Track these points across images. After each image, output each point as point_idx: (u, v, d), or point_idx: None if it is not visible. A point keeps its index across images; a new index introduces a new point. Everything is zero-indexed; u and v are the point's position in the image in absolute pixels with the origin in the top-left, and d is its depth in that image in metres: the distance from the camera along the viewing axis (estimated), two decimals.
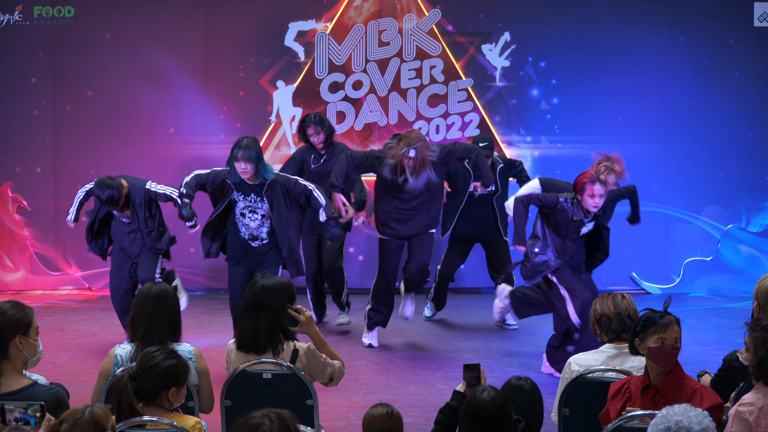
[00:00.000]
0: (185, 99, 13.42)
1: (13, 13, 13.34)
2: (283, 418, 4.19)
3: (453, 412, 5.65)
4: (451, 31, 13.44)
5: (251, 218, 9.58)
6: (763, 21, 13.42)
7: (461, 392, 5.74)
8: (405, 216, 10.39)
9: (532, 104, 13.53)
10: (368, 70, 13.38)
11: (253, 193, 9.51)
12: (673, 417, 4.42)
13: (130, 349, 6.30)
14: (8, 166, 13.46)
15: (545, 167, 13.36)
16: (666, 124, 13.43)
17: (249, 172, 9.41)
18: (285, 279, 6.50)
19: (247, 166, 9.36)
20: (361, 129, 13.43)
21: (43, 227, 13.54)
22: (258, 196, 9.52)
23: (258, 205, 9.56)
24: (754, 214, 13.55)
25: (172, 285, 7.55)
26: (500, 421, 5.01)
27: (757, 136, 13.51)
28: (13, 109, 13.41)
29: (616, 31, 13.46)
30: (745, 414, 5.28)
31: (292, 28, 13.43)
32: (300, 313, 6.38)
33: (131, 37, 13.40)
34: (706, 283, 13.37)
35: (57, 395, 5.35)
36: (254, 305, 6.29)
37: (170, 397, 5.36)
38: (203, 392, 6.29)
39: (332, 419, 8.26)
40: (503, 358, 10.38)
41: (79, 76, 13.40)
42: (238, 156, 9.36)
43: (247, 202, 9.55)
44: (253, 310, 6.28)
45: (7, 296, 13.06)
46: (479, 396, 5.07)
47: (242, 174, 9.42)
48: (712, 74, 13.48)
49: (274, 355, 6.26)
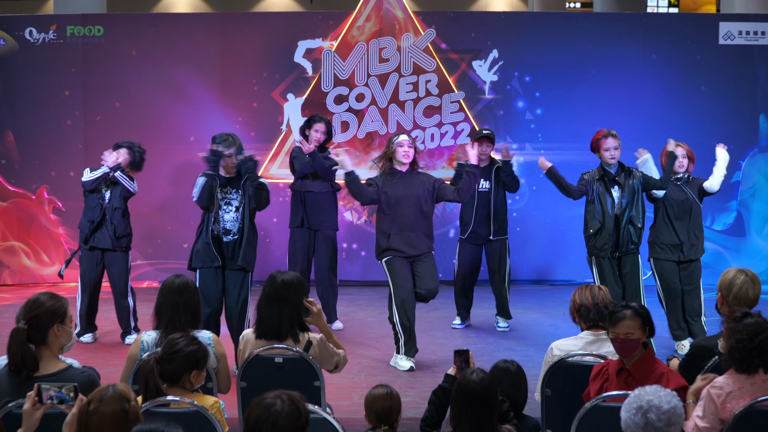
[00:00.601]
0: (204, 110, 13.44)
1: (48, 32, 13.36)
2: (293, 399, 4.22)
3: (445, 393, 5.69)
4: (445, 49, 13.46)
5: (226, 210, 9.07)
6: (727, 39, 13.44)
7: (452, 375, 5.77)
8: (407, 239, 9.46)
9: (517, 115, 13.55)
10: (370, 84, 13.40)
11: (229, 185, 9.10)
12: (644, 396, 4.46)
13: (155, 335, 6.33)
14: (45, 171, 13.48)
15: (530, 171, 13.39)
16: (639, 132, 13.42)
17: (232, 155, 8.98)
18: (299, 274, 6.54)
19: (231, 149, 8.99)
20: (364, 137, 13.45)
21: (76, 226, 13.51)
22: (234, 187, 9.09)
23: (233, 197, 9.10)
24: (718, 214, 13.56)
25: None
26: (488, 399, 5.04)
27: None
28: (49, 120, 13.43)
29: (593, 48, 13.48)
30: (714, 396, 5.31)
31: (301, 46, 13.45)
32: (311, 305, 6.46)
33: (155, 54, 13.43)
34: None
35: (90, 377, 5.38)
36: (275, 298, 6.33)
37: (192, 379, 5.39)
38: (221, 375, 6.32)
39: (337, 398, 8.27)
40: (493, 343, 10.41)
41: (108, 89, 13.43)
42: (218, 141, 9.07)
43: (222, 194, 9.09)
44: (275, 302, 6.32)
45: (43, 288, 13.08)
46: (469, 377, 5.09)
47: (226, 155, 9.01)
48: (681, 88, 13.49)
49: (294, 342, 6.31)
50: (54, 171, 13.48)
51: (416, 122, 13.39)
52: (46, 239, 13.56)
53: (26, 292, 12.65)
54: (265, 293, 6.40)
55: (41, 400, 4.74)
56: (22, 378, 5.30)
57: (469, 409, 5.04)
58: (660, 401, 4.42)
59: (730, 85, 13.50)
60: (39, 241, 13.56)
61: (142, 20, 13.94)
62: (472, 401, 5.03)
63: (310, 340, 6.36)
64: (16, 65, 13.34)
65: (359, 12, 13.44)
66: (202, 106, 13.44)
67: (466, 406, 5.05)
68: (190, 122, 13.43)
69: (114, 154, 10.39)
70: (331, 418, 5.22)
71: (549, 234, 13.59)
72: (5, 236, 13.54)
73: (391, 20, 13.43)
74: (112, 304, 10.58)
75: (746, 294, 6.22)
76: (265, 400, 4.22)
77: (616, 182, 9.74)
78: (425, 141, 13.36)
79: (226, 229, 9.02)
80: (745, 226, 13.63)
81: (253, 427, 4.20)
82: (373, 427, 5.60)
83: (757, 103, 13.48)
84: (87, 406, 4.38)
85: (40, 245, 13.56)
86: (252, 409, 4.22)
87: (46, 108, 13.42)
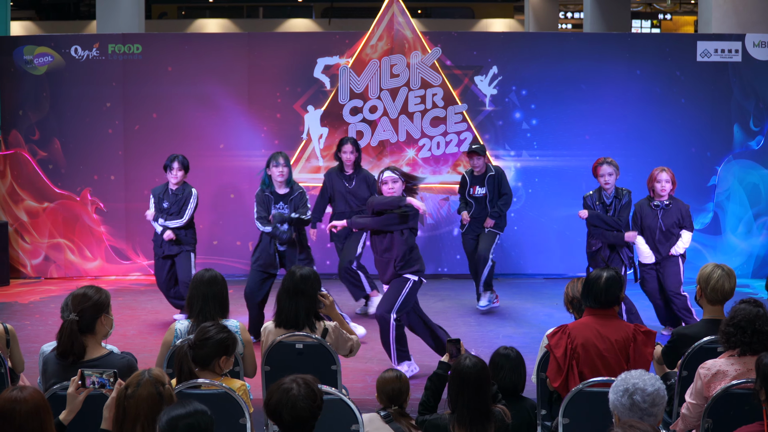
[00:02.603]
0: (232, 120, 13.44)
1: (91, 49, 13.37)
2: (308, 382, 4.23)
3: (439, 378, 5.75)
4: (450, 65, 13.44)
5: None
6: (704, 56, 13.39)
7: (445, 362, 5.82)
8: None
9: (515, 125, 13.52)
10: (382, 97, 13.38)
11: (281, 201, 9.47)
12: (630, 380, 4.43)
13: (188, 324, 6.33)
14: (88, 175, 13.49)
15: (526, 176, 13.38)
16: (625, 141, 13.40)
17: (285, 175, 9.46)
18: (313, 269, 6.54)
19: (284, 169, 9.47)
20: (376, 145, 13.43)
21: (116, 224, 13.57)
22: (285, 203, 9.52)
23: (285, 211, 9.57)
24: (697, 215, 13.51)
25: None
26: (481, 381, 5.09)
27: (699, 150, 13.48)
28: (92, 129, 13.44)
29: (583, 65, 13.44)
30: (701, 375, 5.29)
31: (320, 63, 13.43)
32: (325, 297, 6.47)
33: (189, 69, 13.42)
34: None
35: (129, 362, 5.39)
36: (294, 291, 6.35)
37: (221, 363, 5.39)
38: (247, 360, 6.32)
39: (352, 381, 8.27)
40: (492, 330, 10.39)
41: (145, 101, 13.43)
42: (279, 161, 9.53)
43: (277, 209, 9.51)
44: (294, 295, 6.35)
45: (87, 281, 13.10)
46: (464, 363, 5.14)
47: (279, 177, 9.46)
48: (663, 101, 13.45)
49: (312, 331, 6.31)
50: (96, 175, 13.48)
51: (423, 131, 13.38)
52: (88, 237, 13.57)
53: (70, 284, 12.67)
54: (285, 286, 6.42)
55: (84, 384, 4.73)
56: (68, 363, 5.30)
57: (465, 391, 5.07)
58: (645, 384, 4.39)
59: (706, 98, 13.45)
60: (82, 238, 13.56)
61: (177, 39, 13.94)
62: (467, 384, 5.07)
63: (326, 328, 6.39)
64: (62, 80, 13.35)
65: (372, 32, 13.43)
66: (231, 116, 13.43)
67: (462, 389, 5.08)
68: (219, 131, 13.43)
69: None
70: (346, 398, 5.22)
71: (544, 232, 13.55)
72: (52, 234, 13.55)
73: (401, 40, 13.42)
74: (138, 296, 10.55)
75: (722, 286, 6.21)
76: (283, 384, 4.22)
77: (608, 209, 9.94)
78: (432, 148, 13.36)
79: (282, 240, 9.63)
80: (722, 226, 13.58)
81: (273, 410, 4.20)
82: (384, 407, 5.58)
83: (731, 114, 13.43)
84: (125, 390, 4.38)
85: (83, 242, 13.57)
86: (271, 394, 4.22)
87: (89, 118, 13.43)
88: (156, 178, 12.71)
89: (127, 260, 13.60)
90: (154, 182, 12.70)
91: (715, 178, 13.50)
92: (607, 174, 9.93)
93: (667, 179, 9.85)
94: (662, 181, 9.85)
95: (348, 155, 11.01)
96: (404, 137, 13.38)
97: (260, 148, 13.35)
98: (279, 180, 9.68)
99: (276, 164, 9.72)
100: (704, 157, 13.51)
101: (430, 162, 13.35)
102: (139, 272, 13.59)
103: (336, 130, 13.28)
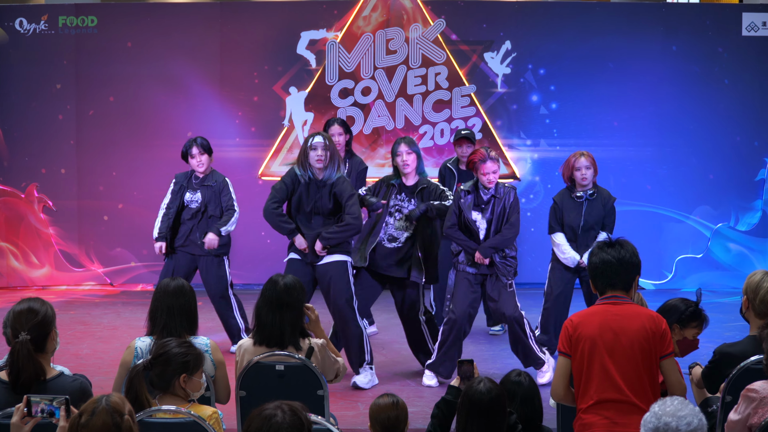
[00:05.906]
0: (202, 104, 13.44)
1: (39, 22, 13.36)
2: (295, 409, 4.19)
3: (448, 405, 5.64)
4: (455, 40, 13.44)
5: (397, 217, 9.30)
6: (750, 30, 13.40)
7: (456, 387, 5.72)
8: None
9: (531, 109, 13.52)
10: (376, 77, 13.38)
11: (404, 192, 9.30)
12: (663, 418, 4.31)
13: (150, 341, 6.29)
14: (34, 168, 13.48)
15: (544, 169, 13.37)
16: (659, 128, 13.41)
17: (411, 165, 9.30)
18: (298, 279, 6.49)
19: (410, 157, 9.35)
20: (370, 133, 13.43)
21: (67, 226, 13.56)
22: (408, 195, 9.31)
23: (404, 204, 9.32)
24: (743, 214, 13.53)
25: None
26: (496, 409, 5.01)
27: (745, 139, 13.49)
28: (40, 114, 13.43)
29: (611, 40, 13.45)
30: (747, 398, 5.27)
31: (304, 37, 13.44)
32: (310, 311, 6.44)
33: (151, 45, 13.42)
34: (697, 279, 13.32)
35: (81, 385, 5.36)
36: (278, 303, 6.26)
37: (182, 384, 5.35)
38: (219, 383, 6.27)
39: (342, 408, 8.25)
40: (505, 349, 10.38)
41: (101, 82, 13.42)
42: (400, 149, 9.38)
43: (397, 201, 9.34)
44: (277, 308, 6.25)
45: (33, 291, 13.09)
46: (476, 387, 5.07)
47: (404, 167, 9.32)
48: (702, 81, 13.46)
49: (296, 349, 6.25)
50: (44, 168, 13.47)
51: (425, 117, 13.37)
52: (35, 240, 13.55)
53: (15, 295, 12.64)
54: (266, 298, 6.32)
55: (30, 413, 4.70)
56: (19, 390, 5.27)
57: (475, 419, 5.01)
58: (678, 423, 4.30)
59: (754, 79, 13.46)
60: (28, 242, 13.54)
61: (137, 10, 13.92)
62: (479, 412, 5.01)
63: (311, 346, 6.30)
64: (5, 57, 13.34)
65: (365, 1, 13.43)
66: (200, 100, 13.42)
67: (472, 417, 5.02)
68: (187, 117, 13.41)
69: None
70: (335, 429, 5.20)
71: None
72: None
73: (399, 10, 13.42)
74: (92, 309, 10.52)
75: None
76: (265, 411, 4.19)
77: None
78: (434, 137, 13.34)
79: (393, 236, 9.26)
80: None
81: None
82: None
83: None
84: (78, 419, 4.35)
85: (29, 246, 13.55)
86: (251, 420, 4.19)
87: (36, 102, 13.42)
88: (113, 172, 12.72)
89: (80, 267, 13.58)
90: (110, 176, 12.71)
91: (763, 172, 13.51)
92: (584, 167, 9.72)
93: (588, 165, 9.69)
94: (582, 168, 9.70)
95: (336, 138, 10.52)
96: (402, 124, 13.37)
97: (234, 137, 13.34)
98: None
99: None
100: (751, 147, 13.51)
101: (433, 152, 13.34)
102: (93, 281, 13.58)
103: (323, 115, 13.25)
